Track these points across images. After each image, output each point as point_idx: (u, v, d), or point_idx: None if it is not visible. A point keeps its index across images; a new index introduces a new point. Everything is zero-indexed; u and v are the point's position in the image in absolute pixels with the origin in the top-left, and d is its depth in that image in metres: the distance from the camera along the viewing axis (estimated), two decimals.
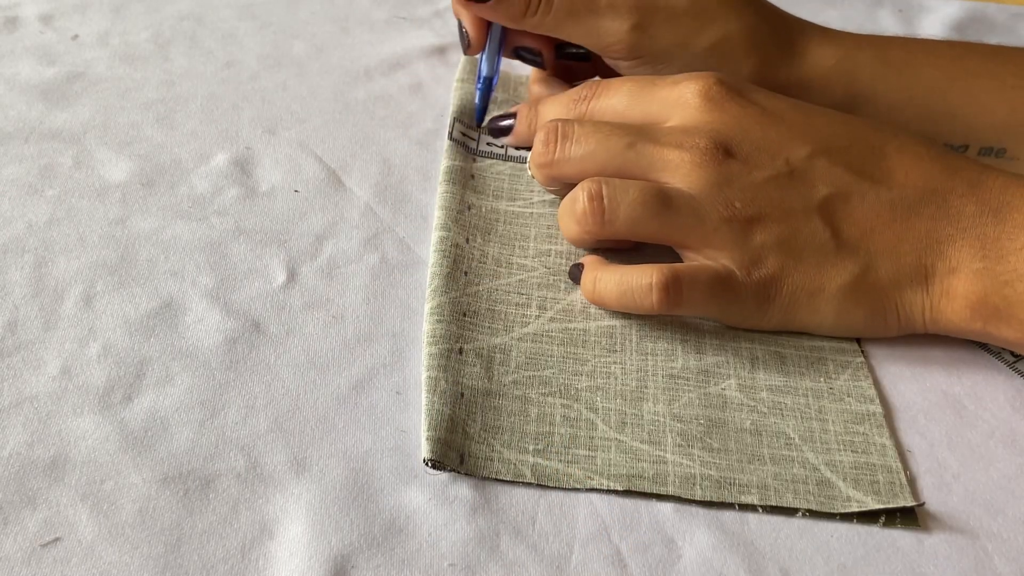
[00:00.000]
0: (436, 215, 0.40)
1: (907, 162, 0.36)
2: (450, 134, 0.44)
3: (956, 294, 0.35)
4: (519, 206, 0.41)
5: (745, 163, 0.36)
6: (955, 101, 0.42)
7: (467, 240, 0.39)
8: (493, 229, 0.40)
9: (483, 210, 0.40)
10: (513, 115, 0.43)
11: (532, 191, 0.42)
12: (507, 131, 0.44)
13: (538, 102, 0.43)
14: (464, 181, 0.42)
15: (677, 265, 0.35)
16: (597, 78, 0.48)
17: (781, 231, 0.35)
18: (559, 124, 0.38)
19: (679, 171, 0.36)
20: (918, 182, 0.36)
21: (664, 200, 0.35)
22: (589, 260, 0.37)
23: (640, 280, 0.34)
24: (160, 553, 0.27)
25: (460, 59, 0.50)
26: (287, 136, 0.44)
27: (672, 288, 0.34)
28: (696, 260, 0.36)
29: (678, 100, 0.37)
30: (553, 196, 0.42)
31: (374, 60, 0.51)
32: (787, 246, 0.35)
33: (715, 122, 0.36)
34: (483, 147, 0.44)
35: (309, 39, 0.52)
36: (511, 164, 0.43)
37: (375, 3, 0.56)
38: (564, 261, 0.39)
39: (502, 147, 0.44)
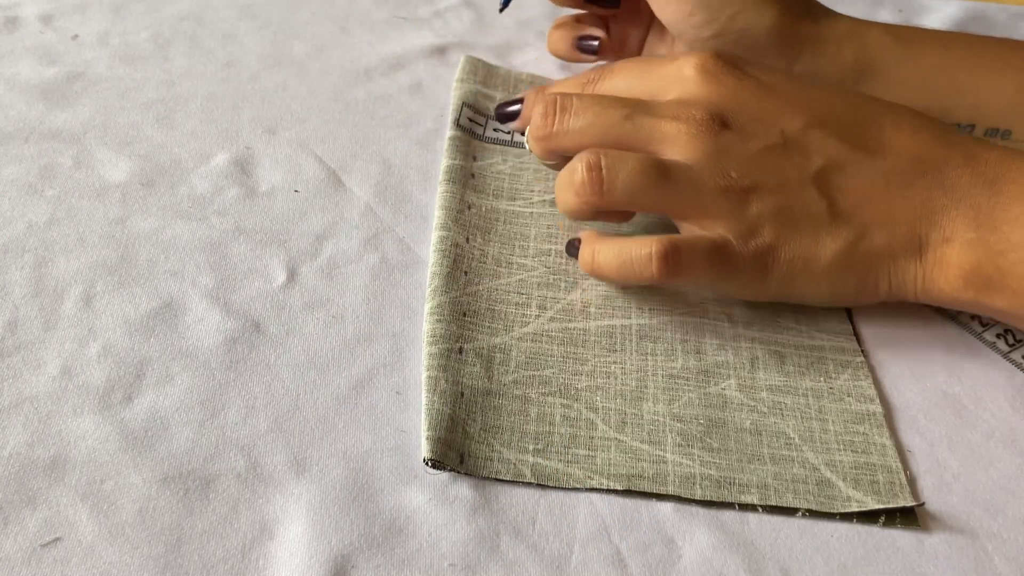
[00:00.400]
0: (436, 214, 0.40)
1: (902, 134, 0.37)
2: (456, 120, 0.45)
3: (949, 263, 0.35)
4: (519, 206, 0.41)
5: (741, 134, 0.36)
6: (962, 79, 0.43)
7: (467, 240, 0.39)
8: (493, 228, 0.40)
9: (483, 209, 0.40)
10: (521, 100, 0.44)
11: (532, 191, 0.42)
12: (514, 116, 0.44)
13: (545, 88, 0.43)
14: (464, 180, 0.42)
15: (676, 236, 0.35)
16: (604, 62, 0.48)
17: (777, 201, 0.35)
18: (558, 97, 0.38)
19: (676, 142, 0.36)
20: (913, 153, 0.36)
21: (662, 171, 0.35)
22: (586, 234, 0.38)
23: (640, 250, 0.35)
24: (160, 553, 0.27)
25: (460, 59, 0.50)
26: (287, 136, 0.44)
27: (672, 257, 0.34)
28: (693, 231, 0.36)
29: (676, 75, 0.38)
30: (553, 196, 0.42)
31: (374, 60, 0.51)
32: (783, 216, 0.35)
33: (712, 94, 0.37)
34: (489, 133, 0.45)
35: (309, 39, 0.52)
36: (511, 164, 0.43)
37: (375, 3, 0.56)
38: (564, 261, 0.39)
39: (508, 133, 0.45)
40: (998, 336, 0.37)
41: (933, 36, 0.45)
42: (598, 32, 0.47)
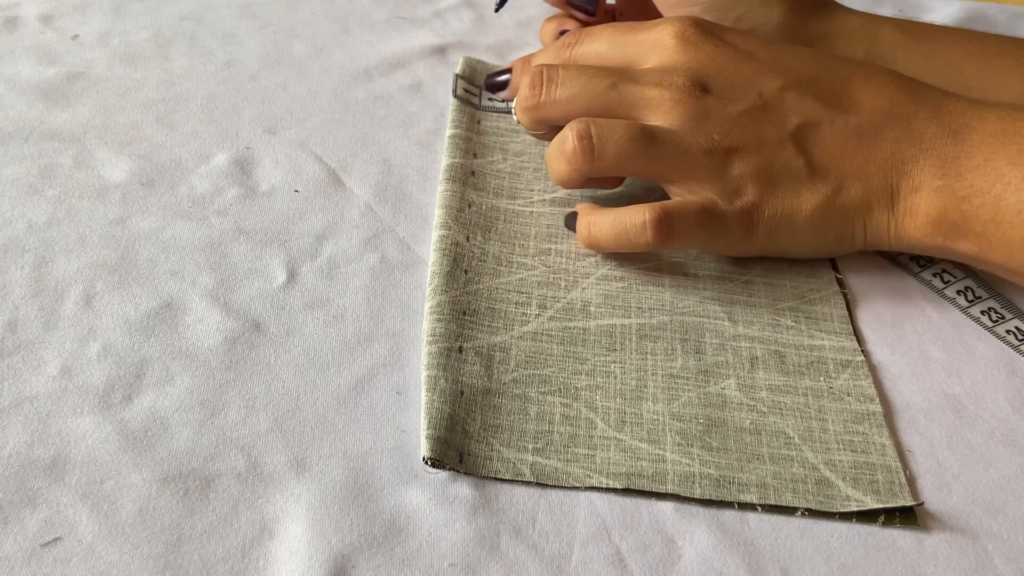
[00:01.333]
0: (436, 213, 0.40)
1: (873, 90, 0.38)
2: (454, 91, 0.47)
3: (918, 211, 0.36)
4: (519, 204, 0.41)
5: (721, 98, 0.37)
6: (971, 74, 0.44)
7: (467, 238, 0.39)
8: (493, 227, 0.40)
9: (483, 208, 0.41)
10: (509, 70, 0.46)
11: (532, 190, 0.42)
12: (503, 85, 0.46)
13: (532, 57, 0.45)
14: (464, 179, 0.42)
15: (666, 202, 0.37)
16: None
17: (758, 160, 0.37)
18: (544, 69, 0.39)
19: (660, 108, 0.37)
20: (884, 108, 0.37)
21: (649, 136, 0.37)
22: (582, 207, 0.39)
23: (634, 219, 0.36)
24: (160, 553, 0.27)
25: (460, 59, 0.50)
26: (287, 136, 0.44)
27: (664, 223, 0.36)
28: (680, 195, 0.38)
29: (656, 42, 0.39)
30: (553, 195, 0.42)
31: (374, 60, 0.51)
32: (764, 174, 0.37)
33: (691, 61, 0.38)
34: (485, 102, 0.47)
35: (309, 39, 0.52)
36: (511, 163, 0.44)
37: (375, 3, 0.56)
38: (564, 260, 0.39)
39: (503, 102, 0.47)
40: (984, 313, 0.38)
41: (943, 32, 0.46)
42: (572, 27, 0.49)
